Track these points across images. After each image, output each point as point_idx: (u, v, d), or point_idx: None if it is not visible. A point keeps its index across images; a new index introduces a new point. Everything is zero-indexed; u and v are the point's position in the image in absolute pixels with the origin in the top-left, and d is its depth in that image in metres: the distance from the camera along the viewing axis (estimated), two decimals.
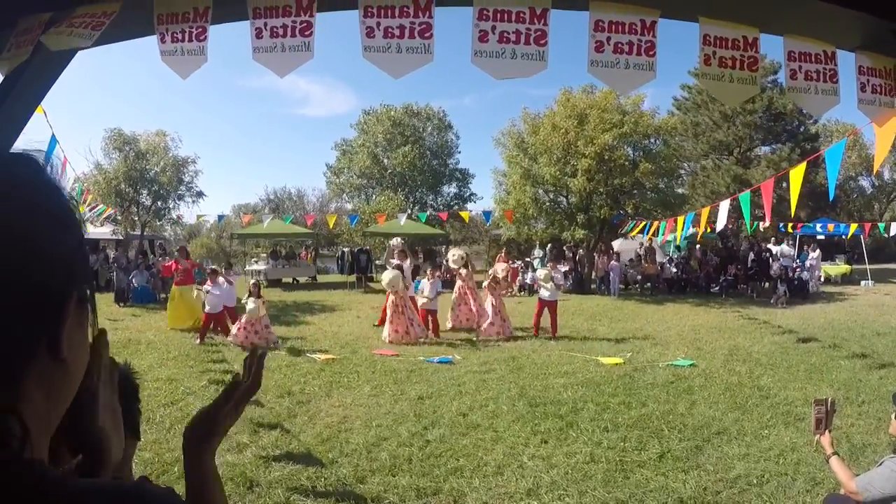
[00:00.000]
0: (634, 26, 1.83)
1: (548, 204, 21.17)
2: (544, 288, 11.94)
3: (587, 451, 5.57)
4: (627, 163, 19.45)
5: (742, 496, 4.65)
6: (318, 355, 9.80)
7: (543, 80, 61.00)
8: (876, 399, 7.10)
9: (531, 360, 9.53)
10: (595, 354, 9.87)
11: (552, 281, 11.90)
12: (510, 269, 21.14)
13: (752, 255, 19.63)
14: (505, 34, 1.79)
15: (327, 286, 23.06)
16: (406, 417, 6.66)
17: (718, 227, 10.08)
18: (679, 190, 23.90)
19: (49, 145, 5.15)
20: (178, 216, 23.75)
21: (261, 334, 10.74)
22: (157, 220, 24.76)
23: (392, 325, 11.31)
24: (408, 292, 11.98)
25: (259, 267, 24.73)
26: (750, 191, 9.18)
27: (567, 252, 22.88)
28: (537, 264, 22.27)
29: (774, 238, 21.30)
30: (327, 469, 5.20)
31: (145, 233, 24.50)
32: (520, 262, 22.90)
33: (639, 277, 21.09)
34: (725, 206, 9.27)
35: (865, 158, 37.99)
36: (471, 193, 39.56)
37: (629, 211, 19.85)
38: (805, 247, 21.23)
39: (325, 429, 6.29)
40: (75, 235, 0.66)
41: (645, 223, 16.21)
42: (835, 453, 3.36)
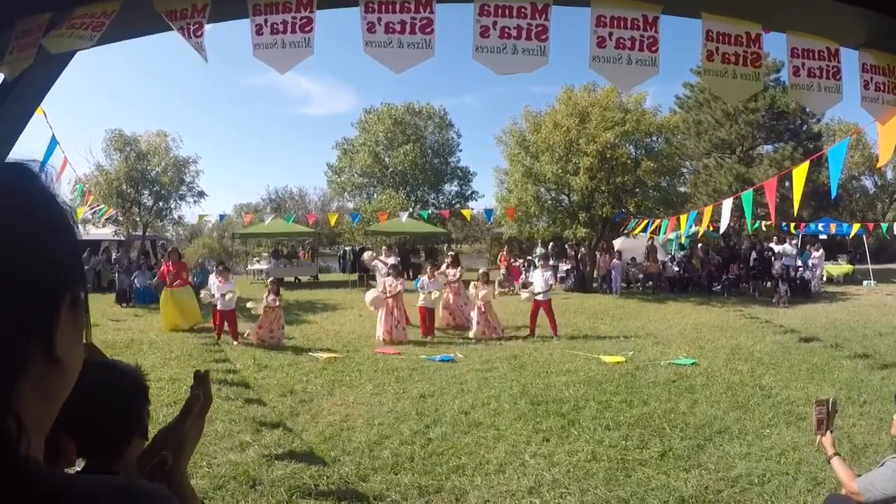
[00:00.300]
0: (637, 22, 1.83)
1: (549, 202, 21.12)
2: (541, 292, 11.89)
3: (589, 450, 5.57)
4: (629, 161, 19.38)
5: (743, 495, 4.64)
6: (321, 354, 9.81)
7: (545, 78, 61.05)
8: (878, 399, 7.08)
9: (533, 359, 9.53)
10: (597, 353, 9.87)
11: (542, 280, 11.93)
12: (510, 268, 21.23)
13: (755, 255, 19.61)
14: (506, 29, 1.79)
15: (329, 285, 23.06)
16: (408, 416, 6.66)
17: (722, 228, 10.05)
18: (681, 188, 23.82)
19: (49, 146, 5.15)
20: (180, 216, 23.81)
21: (275, 333, 10.85)
22: (159, 221, 24.82)
23: (384, 325, 11.43)
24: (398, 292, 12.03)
25: (261, 266, 24.74)
26: (753, 189, 9.16)
27: (569, 250, 22.88)
28: (539, 262, 22.29)
29: (776, 237, 21.26)
30: (330, 467, 5.20)
31: (147, 233, 24.55)
32: (521, 261, 22.89)
33: (641, 276, 21.07)
34: (728, 205, 9.26)
35: (868, 158, 37.86)
36: (472, 192, 39.58)
37: (631, 209, 19.80)
38: (808, 246, 21.19)
39: (328, 427, 6.29)
40: (68, 239, 0.68)
41: (646, 221, 16.18)
42: (836, 454, 3.35)
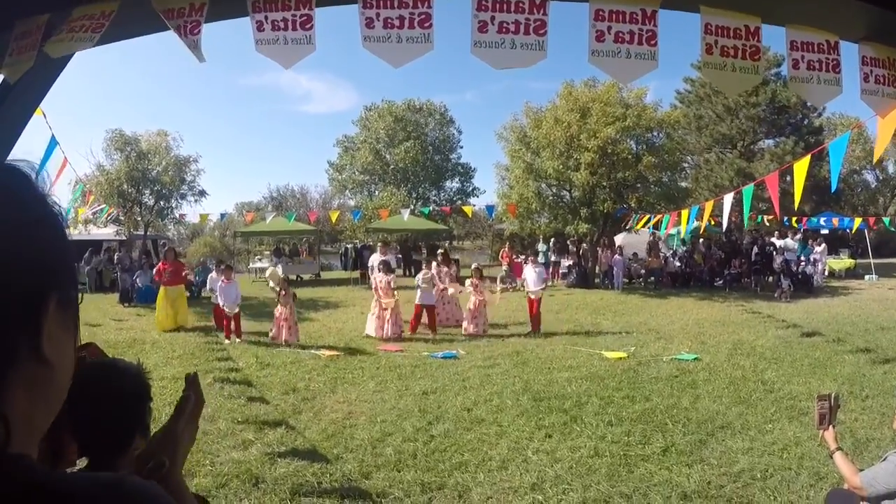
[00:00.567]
0: (635, 15, 1.82)
1: (551, 198, 21.11)
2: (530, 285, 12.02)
3: (591, 446, 5.58)
4: (630, 156, 19.37)
5: (746, 490, 4.65)
6: (323, 352, 9.83)
7: (545, 74, 60.99)
8: (880, 394, 7.08)
9: (535, 355, 9.53)
10: (599, 348, 9.88)
11: (534, 276, 12.02)
12: (512, 265, 21.21)
13: (756, 249, 19.58)
14: (504, 24, 1.79)
15: (331, 283, 23.08)
16: (411, 413, 6.67)
17: (724, 224, 10.04)
18: (682, 183, 23.76)
19: (48, 147, 5.14)
20: (181, 215, 23.76)
21: (291, 330, 10.83)
22: (161, 220, 24.82)
23: (378, 322, 11.50)
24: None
25: (263, 265, 24.76)
26: (754, 184, 9.14)
27: (570, 246, 22.87)
28: (540, 258, 22.27)
29: (778, 232, 21.23)
30: (332, 465, 5.21)
31: (149, 233, 24.57)
32: (523, 257, 22.88)
33: (642, 271, 21.06)
34: (729, 200, 9.24)
35: (869, 152, 37.72)
36: (473, 188, 39.58)
37: (632, 204, 19.78)
38: (810, 241, 21.15)
39: (330, 425, 6.30)
40: (57, 240, 0.68)
41: (648, 217, 16.17)
42: (838, 448, 3.35)
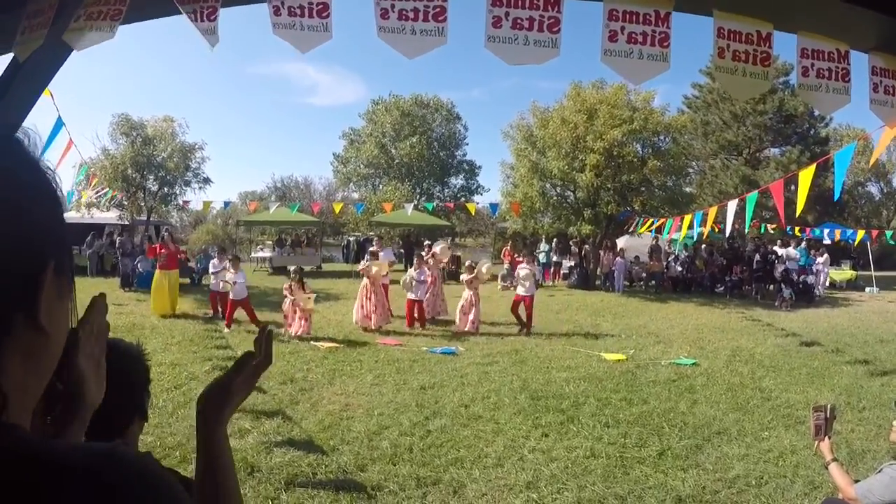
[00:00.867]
0: (649, 17, 1.82)
1: (555, 198, 21.08)
2: (521, 285, 11.88)
3: (587, 446, 5.58)
4: (636, 159, 19.33)
5: (740, 496, 4.65)
6: (322, 343, 9.84)
7: (553, 74, 60.99)
8: (877, 406, 7.09)
9: (534, 354, 9.54)
10: (598, 350, 9.88)
11: (533, 278, 11.94)
12: (514, 263, 21.18)
13: (758, 257, 19.56)
14: (518, 20, 1.79)
15: (332, 275, 23.07)
16: (408, 407, 6.68)
17: (727, 230, 10.05)
18: (687, 189, 23.74)
19: (54, 127, 5.17)
20: (185, 202, 23.74)
21: (304, 327, 10.74)
22: (164, 206, 24.78)
23: (362, 311, 11.59)
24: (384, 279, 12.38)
25: (265, 254, 24.77)
26: (759, 191, 9.13)
27: (573, 247, 22.86)
28: (542, 258, 22.25)
29: (780, 240, 21.20)
30: (328, 456, 5.22)
31: (152, 218, 24.57)
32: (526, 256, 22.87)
33: (643, 275, 21.06)
34: (733, 207, 9.24)
35: (875, 164, 37.76)
36: (478, 185, 39.66)
37: (636, 208, 19.76)
38: (812, 251, 21.11)
39: (327, 416, 6.32)
40: (51, 206, 0.66)
41: (651, 220, 16.16)
42: (834, 459, 3.35)
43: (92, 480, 0.57)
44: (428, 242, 16.31)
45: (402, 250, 25.89)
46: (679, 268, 20.91)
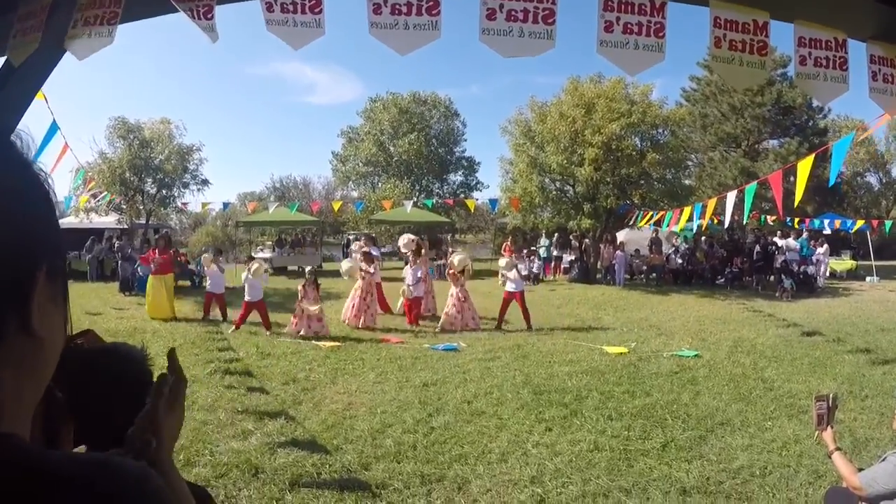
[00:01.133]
0: (644, 7, 1.82)
1: (554, 193, 21.09)
2: (508, 279, 11.51)
3: (591, 440, 5.58)
4: (635, 153, 19.33)
5: (745, 487, 4.65)
6: (323, 342, 9.84)
7: (551, 69, 60.84)
8: (879, 394, 7.08)
9: (536, 349, 9.54)
10: (600, 343, 9.89)
11: (515, 269, 11.48)
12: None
13: (758, 249, 19.56)
14: (513, 12, 1.78)
15: (332, 274, 23.01)
16: (411, 404, 6.68)
17: (727, 223, 10.05)
18: (686, 181, 23.72)
19: (49, 131, 5.14)
20: (184, 204, 23.71)
21: (313, 328, 10.65)
22: (163, 209, 24.75)
23: (353, 309, 11.55)
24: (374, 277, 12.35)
25: (265, 255, 24.75)
26: (757, 182, 9.12)
27: (573, 241, 22.86)
28: (543, 253, 22.25)
29: (780, 231, 21.18)
30: (332, 456, 5.22)
31: (150, 221, 24.55)
32: (525, 251, 22.86)
33: (644, 268, 21.06)
34: (732, 198, 9.23)
35: (873, 154, 37.74)
36: (477, 182, 39.59)
37: (636, 201, 19.76)
38: (812, 242, 21.10)
39: (330, 416, 6.31)
40: (44, 208, 0.65)
41: (651, 214, 16.15)
42: (837, 448, 3.35)
43: (87, 491, 0.56)
44: (412, 237, 16.22)
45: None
46: (679, 260, 20.92)
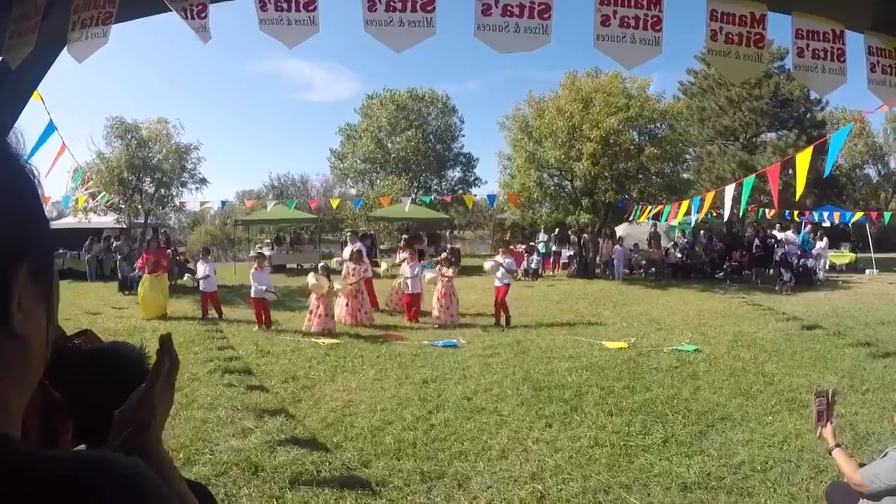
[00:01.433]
0: (640, 0, 1.80)
1: (552, 188, 21.08)
2: (496, 277, 11.52)
3: (591, 436, 5.58)
4: (633, 147, 19.30)
5: (746, 482, 4.65)
6: (323, 340, 9.84)
7: (549, 64, 60.91)
8: (880, 388, 7.08)
9: (536, 345, 9.54)
10: (599, 339, 9.88)
11: (502, 267, 11.42)
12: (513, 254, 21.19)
13: (757, 242, 19.56)
14: (508, 7, 1.77)
15: (332, 271, 23.01)
16: (411, 401, 6.67)
17: (726, 216, 10.04)
18: (684, 175, 23.70)
19: (45, 131, 5.12)
20: (182, 203, 23.66)
21: (327, 325, 10.74)
22: (161, 208, 24.69)
23: (348, 308, 11.59)
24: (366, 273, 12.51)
25: (265, 252, 24.71)
26: (755, 175, 9.11)
27: (572, 236, 22.86)
28: (542, 248, 22.24)
29: (779, 224, 21.18)
30: (332, 453, 5.22)
31: (149, 221, 24.49)
32: (524, 247, 22.87)
33: (643, 262, 21.07)
34: (730, 192, 9.22)
35: (872, 146, 37.76)
36: (475, 177, 39.62)
37: (634, 195, 19.75)
38: (812, 235, 21.11)
39: (330, 413, 6.31)
40: (27, 205, 0.63)
41: (649, 208, 16.14)
42: (837, 445, 3.34)
43: (78, 488, 0.56)
44: (405, 236, 16.17)
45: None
46: (678, 254, 20.92)
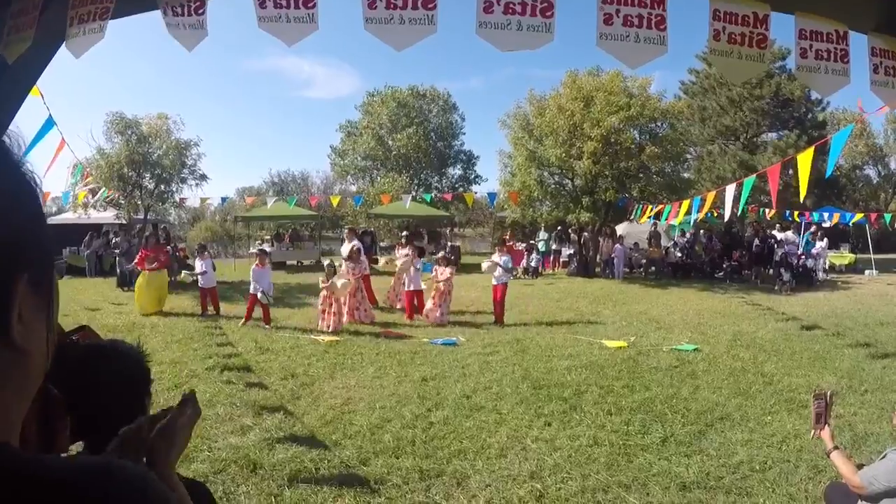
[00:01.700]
0: None
1: (553, 186, 21.06)
2: (493, 276, 11.53)
3: (590, 435, 5.58)
4: (633, 146, 19.28)
5: (744, 482, 4.65)
6: (322, 337, 9.84)
7: (550, 62, 60.86)
8: (879, 388, 7.09)
9: (535, 343, 9.53)
10: (599, 337, 9.88)
11: (499, 267, 11.41)
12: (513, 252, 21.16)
13: (757, 242, 19.56)
14: (510, 5, 1.75)
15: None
16: (410, 399, 6.67)
17: (726, 216, 10.03)
18: (685, 174, 23.67)
19: (43, 126, 5.11)
20: (182, 199, 23.63)
21: (341, 323, 10.82)
22: (161, 204, 24.67)
23: (346, 306, 11.50)
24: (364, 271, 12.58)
25: (265, 250, 24.68)
26: (756, 175, 9.10)
27: (572, 235, 22.85)
28: (542, 247, 22.23)
29: (779, 224, 21.15)
30: (331, 451, 5.21)
31: (149, 217, 24.47)
32: (524, 245, 22.87)
33: (643, 261, 21.07)
34: (731, 191, 9.20)
35: (872, 147, 37.74)
36: (476, 175, 39.61)
37: (635, 194, 19.74)
38: (812, 235, 21.10)
39: (329, 411, 6.31)
40: (28, 213, 0.62)
41: (650, 207, 16.13)
42: (836, 447, 3.34)
43: (83, 496, 0.55)
44: (405, 233, 16.05)
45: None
46: (678, 253, 20.92)
